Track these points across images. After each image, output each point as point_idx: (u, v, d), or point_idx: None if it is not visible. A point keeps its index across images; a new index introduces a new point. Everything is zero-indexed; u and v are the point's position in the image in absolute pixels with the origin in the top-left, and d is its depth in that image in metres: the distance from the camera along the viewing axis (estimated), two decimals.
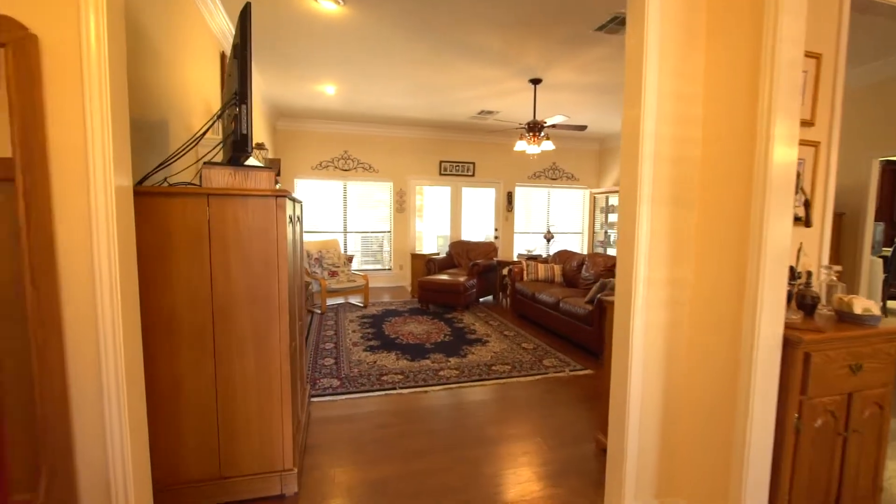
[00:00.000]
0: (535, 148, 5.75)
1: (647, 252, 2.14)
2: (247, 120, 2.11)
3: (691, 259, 2.26)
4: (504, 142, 8.75)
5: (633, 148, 2.12)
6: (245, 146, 2.10)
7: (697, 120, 2.22)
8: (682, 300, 2.25)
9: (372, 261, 8.58)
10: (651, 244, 2.15)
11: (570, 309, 4.78)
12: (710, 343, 2.14)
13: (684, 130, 2.19)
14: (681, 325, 2.25)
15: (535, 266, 6.06)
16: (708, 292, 2.17)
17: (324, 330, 5.33)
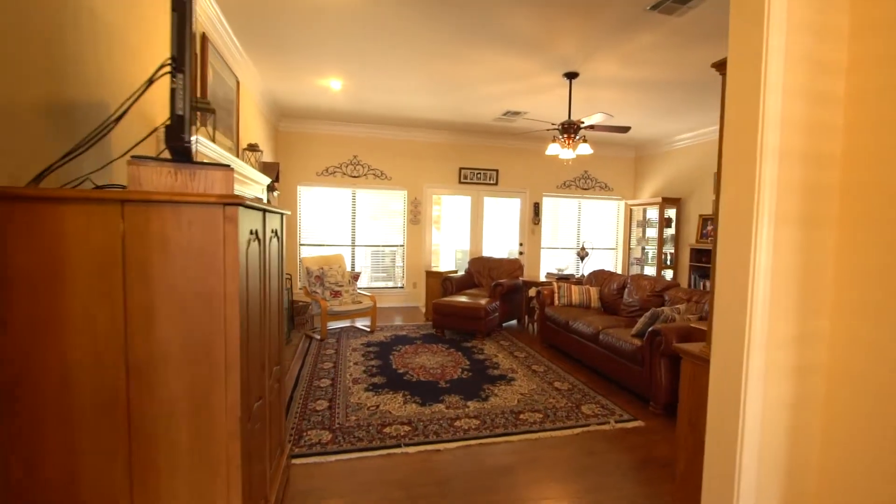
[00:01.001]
0: (570, 152, 5.02)
1: (766, 296, 1.38)
2: (185, 95, 1.44)
3: (827, 304, 1.50)
4: (531, 147, 8.04)
5: (746, 140, 1.38)
6: (180, 133, 1.44)
7: (838, 99, 1.47)
8: (814, 366, 1.49)
9: (383, 277, 7.90)
10: (773, 284, 1.39)
11: (612, 343, 4.00)
12: (861, 432, 1.37)
13: (821, 113, 1.44)
14: (811, 405, 1.48)
15: (569, 288, 5.29)
16: (857, 354, 1.40)
17: (321, 361, 4.64)
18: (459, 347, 5.20)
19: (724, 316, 1.43)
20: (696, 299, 4.06)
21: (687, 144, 7.33)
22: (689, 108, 5.79)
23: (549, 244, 8.32)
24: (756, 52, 1.34)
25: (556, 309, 5.16)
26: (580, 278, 5.97)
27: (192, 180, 1.52)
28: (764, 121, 1.29)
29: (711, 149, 6.81)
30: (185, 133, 1.43)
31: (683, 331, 3.43)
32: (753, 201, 1.29)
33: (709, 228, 6.66)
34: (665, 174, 7.79)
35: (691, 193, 7.21)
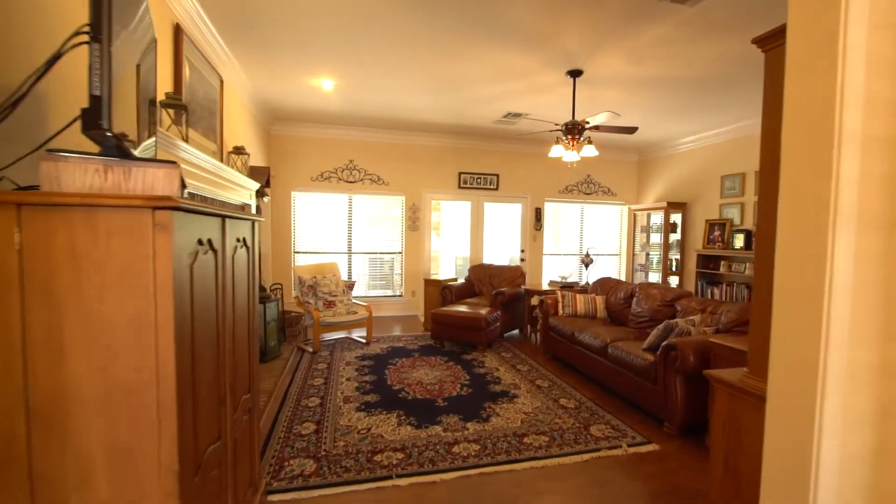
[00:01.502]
0: (574, 155, 4.74)
1: (846, 320, 1.09)
2: (103, 71, 1.17)
3: None
4: (532, 151, 7.77)
5: (818, 122, 1.09)
6: (97, 119, 1.16)
7: None
8: None
9: (381, 285, 7.61)
10: (854, 304, 1.10)
11: (622, 357, 3.69)
12: None
13: None
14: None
15: (573, 298, 4.99)
16: None
17: (312, 376, 4.34)
18: (459, 360, 4.90)
19: (788, 344, 1.14)
20: (711, 310, 3.75)
21: (690, 148, 7.05)
22: (696, 108, 5.51)
23: (551, 250, 8.03)
24: (831, 8, 1.06)
25: (560, 319, 4.86)
26: (585, 286, 5.67)
27: (127, 180, 1.24)
28: (843, 97, 1.00)
29: (717, 151, 6.53)
30: (103, 119, 1.15)
31: (701, 346, 3.13)
32: (829, 200, 1.01)
33: (716, 234, 6.36)
34: (669, 178, 7.51)
35: (697, 198, 6.91)
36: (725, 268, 6.11)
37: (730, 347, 2.89)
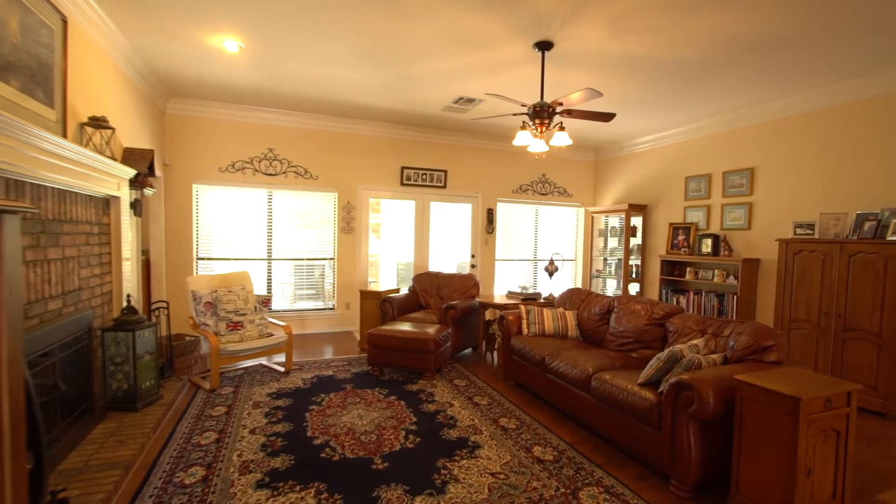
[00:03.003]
0: (542, 144, 3.97)
1: None
2: None
3: None
4: (485, 145, 6.99)
5: None
6: None
7: None
8: None
9: (310, 296, 6.48)
10: None
11: (612, 394, 2.93)
12: None
13: None
14: None
15: (540, 313, 4.21)
16: None
17: (202, 428, 3.20)
18: (403, 393, 3.95)
19: None
20: (714, 331, 3.09)
21: (648, 148, 6.60)
22: (674, 100, 4.95)
23: (504, 255, 7.28)
24: None
25: (524, 340, 4.05)
26: (550, 299, 4.93)
27: None
28: None
29: (681, 151, 6.09)
30: None
31: (723, 384, 2.42)
32: None
33: (680, 238, 5.90)
34: (628, 179, 7.03)
35: (659, 200, 6.45)
36: (691, 274, 5.64)
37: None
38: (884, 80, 4.02)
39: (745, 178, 5.24)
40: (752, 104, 4.97)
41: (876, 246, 3.66)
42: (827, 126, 4.50)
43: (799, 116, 4.73)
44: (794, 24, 3.28)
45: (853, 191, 4.27)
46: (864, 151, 4.20)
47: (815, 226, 4.20)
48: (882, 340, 3.61)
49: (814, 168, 4.60)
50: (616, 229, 7.01)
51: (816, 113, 4.57)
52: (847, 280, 3.83)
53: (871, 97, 4.15)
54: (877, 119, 4.11)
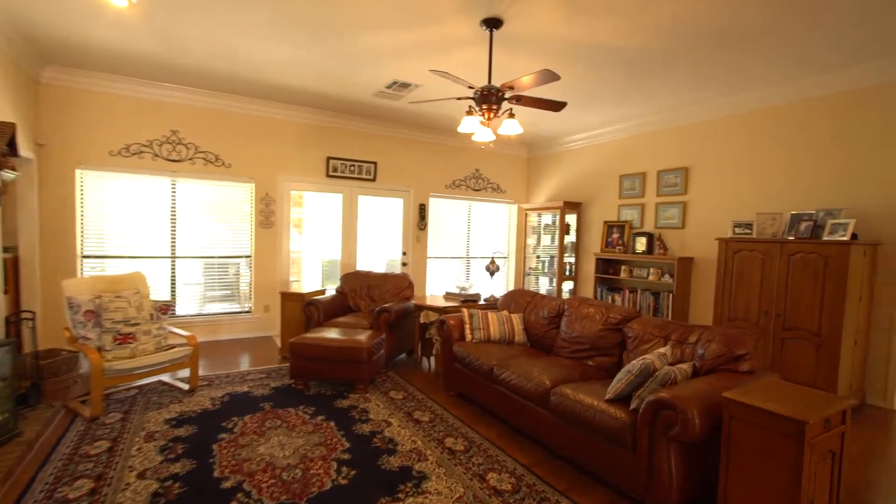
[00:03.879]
0: (489, 133, 3.67)
1: None
2: None
3: None
4: (419, 137, 6.60)
5: None
6: None
7: None
8: None
9: (224, 297, 5.72)
10: None
11: (576, 411, 2.69)
12: None
13: None
14: None
15: (485, 318, 3.93)
16: None
17: (71, 477, 2.52)
18: (332, 411, 3.49)
19: None
20: (678, 337, 2.95)
21: (581, 146, 6.61)
22: (621, 95, 4.88)
23: (436, 253, 6.97)
24: None
25: (469, 347, 3.75)
26: (491, 300, 4.67)
27: None
28: None
29: (614, 150, 6.14)
30: None
31: (708, 402, 2.21)
32: None
33: (615, 236, 5.95)
34: (562, 176, 7.01)
35: (593, 198, 6.49)
36: (626, 273, 5.70)
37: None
38: (814, 85, 4.20)
39: (679, 177, 5.35)
40: (689, 104, 5.06)
41: (815, 246, 3.77)
42: (759, 128, 4.66)
43: (731, 118, 4.87)
44: (752, 19, 3.25)
45: (788, 191, 4.44)
46: (798, 153, 4.38)
47: (752, 225, 4.31)
48: (821, 339, 3.72)
49: (747, 168, 4.75)
50: (550, 227, 6.97)
51: (747, 114, 4.73)
52: (787, 279, 3.94)
53: (801, 101, 4.33)
54: (808, 123, 4.30)
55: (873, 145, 3.91)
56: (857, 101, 4.00)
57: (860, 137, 3.98)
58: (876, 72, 3.85)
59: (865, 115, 3.95)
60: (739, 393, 2.14)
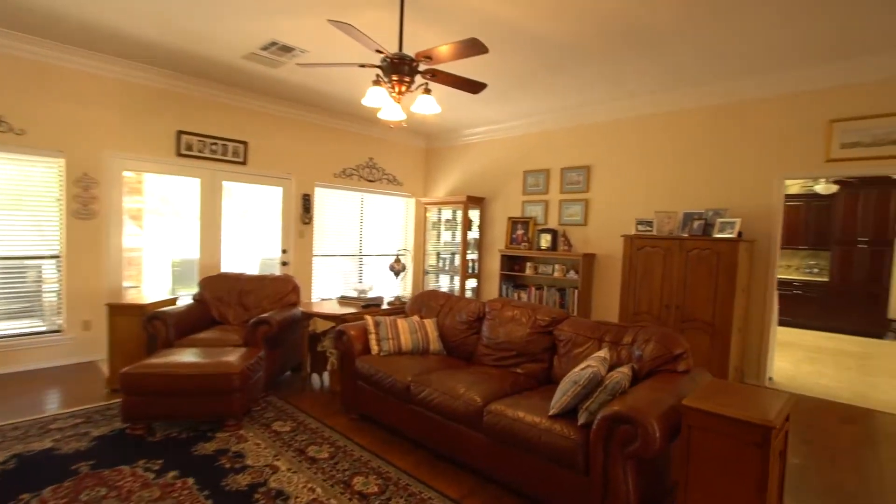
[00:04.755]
0: (399, 111, 3.03)
1: None
2: None
3: None
4: (302, 116, 5.64)
5: None
6: None
7: None
8: None
9: (22, 311, 4.13)
10: None
11: (518, 431, 2.19)
12: None
13: None
14: None
15: (394, 326, 3.24)
16: None
17: None
18: (190, 463, 2.50)
19: None
20: (612, 338, 2.62)
21: (483, 139, 6.32)
22: (526, 89, 4.61)
23: (323, 250, 6.05)
24: None
25: (376, 361, 3.04)
26: (396, 304, 4.00)
27: None
28: None
29: (517, 145, 5.93)
30: None
31: (664, 411, 1.89)
32: None
33: (519, 233, 5.73)
34: (463, 170, 6.64)
35: (496, 194, 6.21)
36: (532, 270, 5.48)
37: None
38: (687, 96, 4.44)
39: (581, 175, 5.29)
40: (592, 103, 5.01)
41: (709, 242, 3.89)
42: (651, 131, 4.79)
43: (628, 120, 4.95)
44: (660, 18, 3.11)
45: (679, 192, 4.60)
46: (690, 156, 4.54)
47: (653, 223, 4.34)
48: (714, 329, 3.85)
49: (643, 169, 4.84)
50: (451, 222, 6.53)
51: (641, 118, 4.85)
52: (685, 274, 4.00)
53: (683, 109, 4.55)
54: (689, 130, 4.53)
55: (736, 153, 4.22)
56: (724, 114, 4.30)
57: (728, 146, 4.28)
58: (738, 90, 4.18)
59: (729, 126, 4.28)
60: (697, 399, 1.86)
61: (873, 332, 6.43)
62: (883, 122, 3.53)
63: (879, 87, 3.56)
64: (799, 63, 3.71)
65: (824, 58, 3.60)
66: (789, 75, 3.88)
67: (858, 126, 3.62)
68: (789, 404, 1.91)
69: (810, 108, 3.86)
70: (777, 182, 4.01)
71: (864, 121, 3.60)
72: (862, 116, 3.62)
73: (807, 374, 4.69)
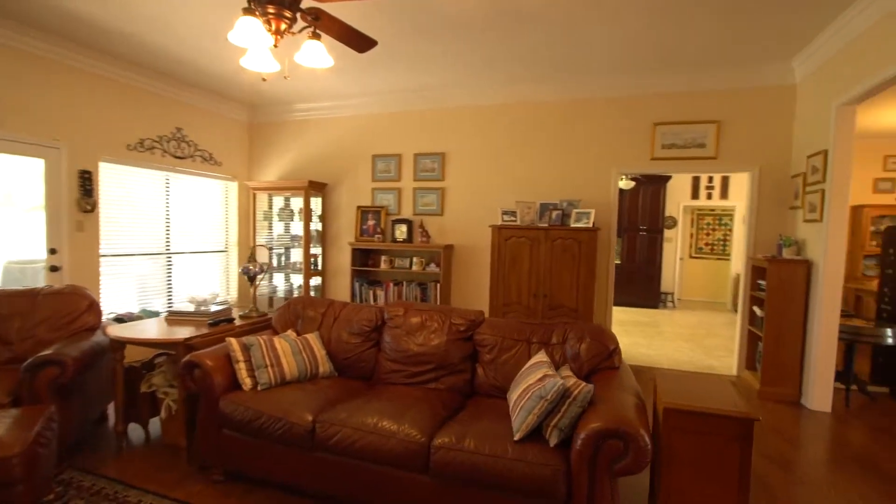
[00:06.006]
0: (272, 62, 2.30)
1: None
2: None
3: None
4: (78, 59, 3.97)
5: None
6: None
7: None
8: None
9: None
10: None
11: (476, 466, 1.87)
12: None
13: None
14: None
15: (271, 349, 2.50)
16: None
17: None
18: None
19: None
20: (540, 338, 2.48)
21: (324, 116, 5.58)
22: (384, 60, 4.08)
23: (114, 248, 4.50)
24: None
25: (251, 400, 2.30)
26: (253, 318, 3.14)
27: None
28: None
29: (364, 125, 5.40)
30: None
31: (642, 415, 1.84)
32: None
33: (370, 223, 5.27)
34: (299, 151, 5.77)
35: (341, 179, 5.57)
36: (387, 264, 5.10)
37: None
38: (561, 88, 4.61)
39: (436, 162, 5.10)
40: (450, 86, 4.80)
41: (572, 232, 4.12)
42: (502, 120, 4.85)
43: (484, 108, 4.91)
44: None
45: (538, 182, 4.78)
46: (545, 147, 4.73)
47: (517, 213, 4.42)
48: (578, 314, 4.12)
49: (504, 158, 4.88)
50: (286, 211, 5.63)
51: (504, 107, 4.85)
52: (551, 263, 4.19)
53: (553, 101, 4.70)
54: (554, 120, 4.70)
55: (585, 147, 4.64)
56: (575, 109, 4.64)
57: (578, 139, 4.65)
58: (586, 88, 4.54)
59: (579, 121, 4.64)
60: (675, 399, 1.87)
61: (651, 303, 8.11)
62: (690, 128, 4.28)
63: (688, 98, 4.29)
64: (630, 70, 4.20)
65: (649, 68, 4.15)
66: (624, 79, 4.38)
67: (674, 130, 4.33)
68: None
69: (640, 111, 4.44)
70: (614, 175, 4.52)
71: (677, 126, 4.32)
72: (676, 122, 4.32)
73: (628, 345, 5.53)
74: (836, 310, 3.40)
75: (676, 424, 1.82)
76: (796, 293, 3.60)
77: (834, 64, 3.42)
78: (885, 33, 2.88)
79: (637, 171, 4.52)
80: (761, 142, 4.15)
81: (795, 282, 3.59)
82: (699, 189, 8.34)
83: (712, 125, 4.22)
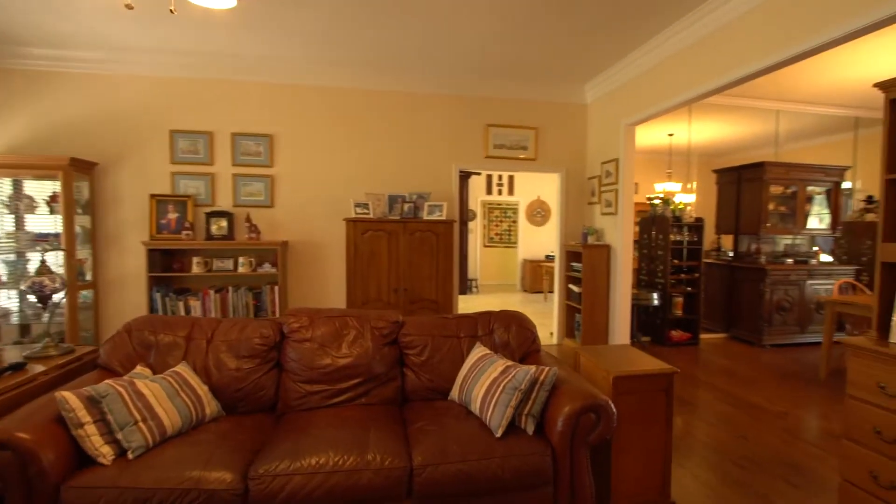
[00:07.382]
0: None
1: None
2: None
3: None
4: None
5: None
6: None
7: None
8: None
9: None
10: None
11: (467, 476, 1.73)
12: None
13: None
14: None
15: (135, 395, 1.65)
16: None
17: None
18: None
19: None
20: (466, 332, 2.38)
21: (85, 71, 4.04)
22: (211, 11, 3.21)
23: None
24: None
25: (119, 477, 1.52)
26: (67, 355, 2.07)
27: None
28: None
29: (159, 90, 4.17)
30: None
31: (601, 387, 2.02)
32: None
33: (171, 216, 4.14)
34: (43, 115, 4.02)
35: (120, 159, 4.14)
36: (202, 267, 4.09)
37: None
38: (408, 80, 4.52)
39: (262, 145, 4.34)
40: (290, 59, 4.13)
41: (430, 224, 4.12)
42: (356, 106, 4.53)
43: (332, 89, 4.46)
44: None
45: (385, 173, 4.60)
46: (392, 139, 4.59)
47: (370, 206, 4.14)
48: (438, 305, 4.16)
49: (346, 146, 4.51)
50: (20, 200, 3.89)
51: (348, 92, 4.51)
52: (409, 256, 4.09)
53: (400, 91, 4.58)
54: (400, 111, 4.60)
55: (429, 141, 4.74)
56: (421, 103, 4.68)
57: (423, 133, 4.71)
58: (430, 83, 4.64)
59: (424, 115, 4.70)
60: (621, 368, 2.13)
61: (461, 290, 8.85)
62: (515, 132, 4.83)
63: (516, 104, 4.82)
64: (472, 72, 4.47)
65: (489, 73, 4.51)
66: (466, 80, 4.62)
67: (504, 132, 4.81)
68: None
69: (477, 111, 4.75)
70: (455, 170, 4.75)
71: (506, 128, 4.82)
72: (505, 125, 4.81)
73: None
74: (629, 282, 4.43)
75: (623, 389, 2.07)
76: (602, 271, 4.53)
77: (620, 93, 4.40)
78: (653, 80, 3.87)
79: (474, 167, 4.85)
80: (566, 148, 5.01)
81: (601, 262, 4.52)
82: (492, 186, 9.53)
83: (532, 131, 4.88)
